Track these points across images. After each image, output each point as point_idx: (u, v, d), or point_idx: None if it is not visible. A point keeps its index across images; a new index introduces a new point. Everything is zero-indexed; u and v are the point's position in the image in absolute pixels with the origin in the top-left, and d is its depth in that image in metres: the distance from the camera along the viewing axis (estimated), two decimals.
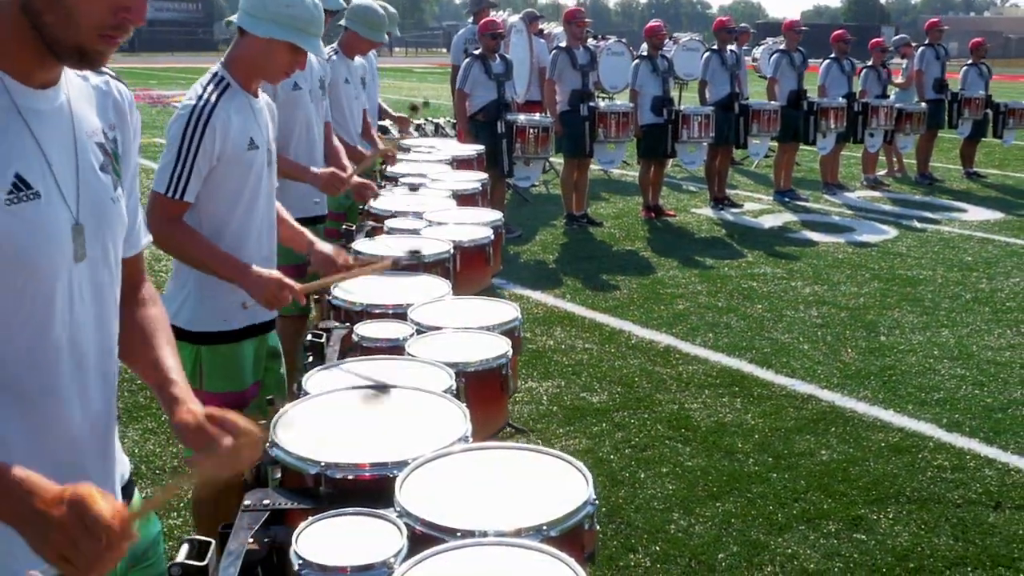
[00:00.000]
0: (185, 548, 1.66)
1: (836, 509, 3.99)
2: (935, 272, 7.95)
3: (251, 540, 1.84)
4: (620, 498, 4.06)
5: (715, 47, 10.37)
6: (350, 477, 1.95)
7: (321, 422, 2.18)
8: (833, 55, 11.42)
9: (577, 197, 9.59)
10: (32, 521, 1.27)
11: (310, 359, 2.97)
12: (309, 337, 3.05)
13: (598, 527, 1.88)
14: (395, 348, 2.86)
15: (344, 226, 4.49)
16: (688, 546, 3.69)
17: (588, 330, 6.31)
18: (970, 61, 13.12)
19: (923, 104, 12.17)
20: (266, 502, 1.95)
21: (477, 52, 8.54)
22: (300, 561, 1.65)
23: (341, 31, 5.51)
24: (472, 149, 7.08)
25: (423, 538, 1.70)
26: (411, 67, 40.97)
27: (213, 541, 1.72)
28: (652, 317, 6.59)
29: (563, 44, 9.29)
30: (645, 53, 9.80)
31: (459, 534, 1.68)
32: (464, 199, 5.24)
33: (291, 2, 2.86)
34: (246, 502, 1.95)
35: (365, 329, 2.98)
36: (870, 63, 12.03)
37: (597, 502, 1.84)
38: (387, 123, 7.52)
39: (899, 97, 12.64)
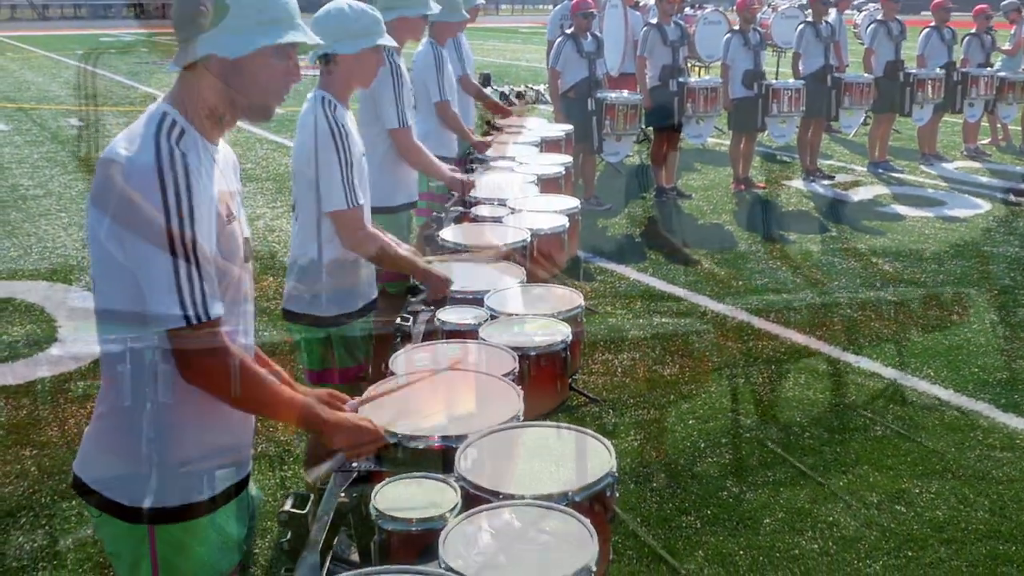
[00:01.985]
0: (290, 500, 2.15)
1: (881, 482, 4.30)
2: (1021, 249, 7.97)
3: (342, 495, 2.32)
4: (680, 466, 4.45)
5: (810, 19, 10.42)
6: (422, 447, 2.42)
7: (403, 398, 2.65)
8: (933, 23, 11.28)
9: (667, 170, 9.85)
10: (350, 430, 2.23)
11: (399, 339, 3.46)
12: (398, 320, 3.54)
13: (618, 493, 2.29)
14: (471, 332, 3.32)
15: (433, 213, 4.96)
16: (737, 511, 4.07)
17: (666, 304, 6.66)
18: None
19: None
20: (355, 465, 2.43)
21: (569, 31, 8.87)
22: (376, 512, 2.12)
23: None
24: (560, 129, 7.44)
25: (474, 498, 2.15)
26: (516, 27, 41.08)
27: (312, 494, 2.21)
28: (729, 292, 6.89)
29: (654, 20, 9.52)
30: (737, 27, 9.94)
31: (501, 496, 2.12)
32: (547, 183, 5.64)
33: (361, 15, 3.38)
34: None
35: (446, 314, 3.44)
36: (973, 30, 11.82)
37: (617, 474, 2.25)
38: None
39: (1006, 64, 12.38)
